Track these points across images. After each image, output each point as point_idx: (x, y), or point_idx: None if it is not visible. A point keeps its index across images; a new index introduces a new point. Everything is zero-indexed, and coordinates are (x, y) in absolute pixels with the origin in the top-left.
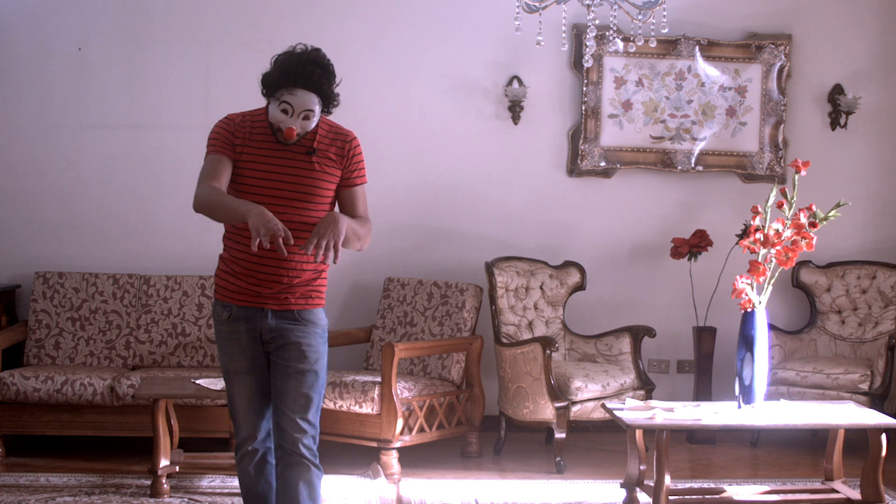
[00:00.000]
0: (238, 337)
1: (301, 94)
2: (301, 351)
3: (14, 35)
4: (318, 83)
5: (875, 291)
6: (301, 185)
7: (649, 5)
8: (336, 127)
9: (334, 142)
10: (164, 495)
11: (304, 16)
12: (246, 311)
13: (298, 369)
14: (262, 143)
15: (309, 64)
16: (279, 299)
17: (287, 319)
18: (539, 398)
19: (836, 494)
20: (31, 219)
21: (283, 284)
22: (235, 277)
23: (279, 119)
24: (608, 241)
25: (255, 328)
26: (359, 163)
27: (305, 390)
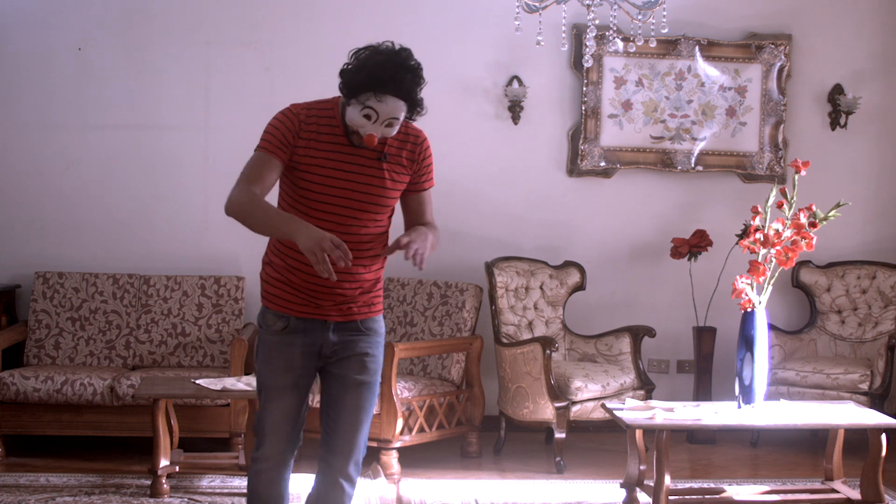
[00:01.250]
0: (290, 351)
1: (390, 101)
2: (363, 362)
3: (14, 35)
4: (408, 91)
5: (875, 291)
6: (369, 195)
7: (649, 5)
8: (410, 127)
9: (405, 144)
10: (164, 495)
11: (304, 16)
12: (305, 324)
13: (358, 381)
14: (330, 143)
15: (401, 69)
16: (342, 310)
17: (350, 331)
18: (539, 398)
19: (836, 494)
20: (31, 219)
21: (345, 297)
22: (291, 287)
23: (359, 124)
24: (608, 241)
25: (314, 342)
26: (429, 165)
27: (364, 403)
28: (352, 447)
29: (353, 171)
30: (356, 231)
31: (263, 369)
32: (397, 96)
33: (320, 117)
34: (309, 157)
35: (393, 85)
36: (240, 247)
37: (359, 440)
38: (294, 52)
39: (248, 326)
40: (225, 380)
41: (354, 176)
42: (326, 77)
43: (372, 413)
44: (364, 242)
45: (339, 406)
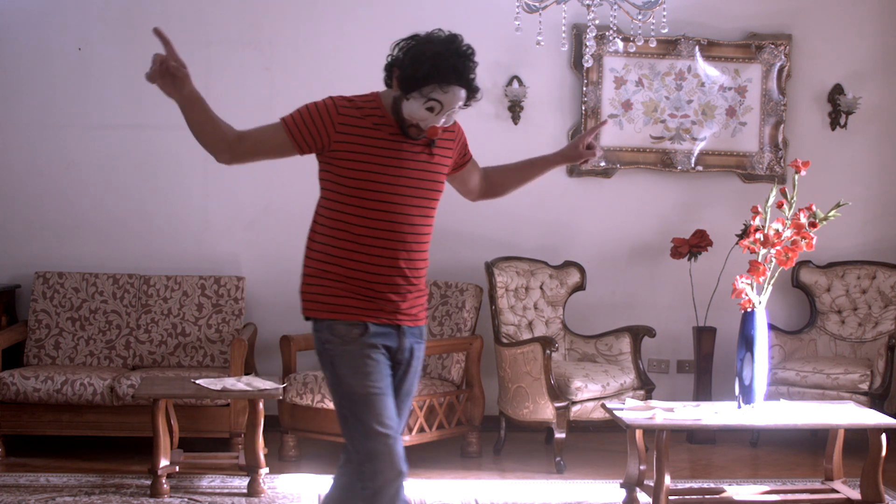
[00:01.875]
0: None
1: (454, 91)
2: (417, 371)
3: (14, 35)
4: (469, 80)
5: (875, 291)
6: (425, 181)
7: (649, 5)
8: None
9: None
10: (164, 495)
11: (304, 16)
12: (382, 329)
13: (411, 392)
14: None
15: (461, 57)
16: (411, 314)
17: (416, 336)
18: (539, 398)
19: (836, 494)
20: (31, 219)
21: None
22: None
23: (422, 117)
24: (608, 241)
25: (391, 348)
26: (465, 143)
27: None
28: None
29: (406, 159)
30: (418, 221)
31: (353, 382)
32: (460, 85)
33: (361, 108)
34: (353, 151)
35: (455, 75)
36: (240, 247)
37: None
38: (294, 52)
39: (248, 326)
40: (225, 380)
41: (408, 164)
42: (326, 77)
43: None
44: (422, 235)
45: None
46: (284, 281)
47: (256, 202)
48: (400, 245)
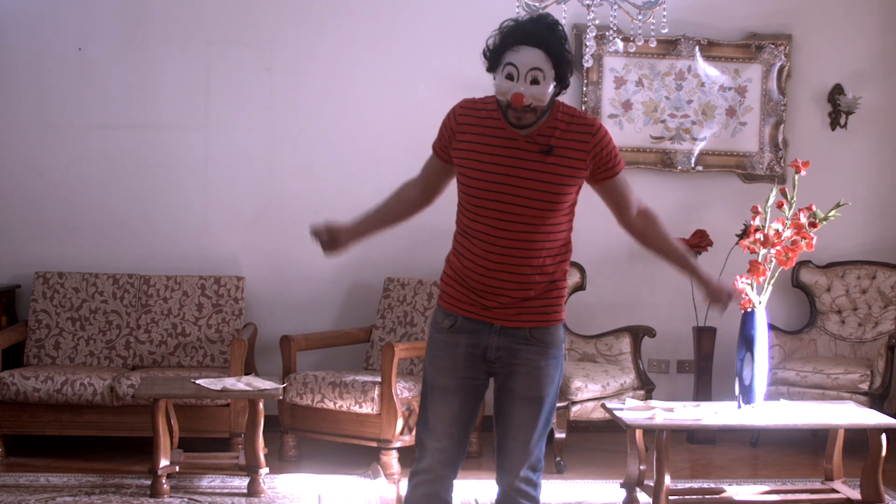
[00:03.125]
0: (455, 351)
1: (524, 50)
2: (529, 374)
3: (14, 35)
4: (544, 39)
5: (875, 291)
6: (532, 190)
7: (649, 5)
8: (580, 118)
9: (577, 135)
10: (164, 495)
11: (305, 16)
12: (471, 324)
13: (527, 396)
14: (490, 136)
15: (531, 21)
16: (509, 315)
17: (517, 338)
18: None
19: (836, 494)
20: (31, 219)
21: (513, 299)
22: (462, 286)
23: (505, 88)
24: (608, 241)
25: (479, 344)
26: (608, 154)
27: (535, 420)
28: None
29: (514, 164)
30: (520, 229)
31: (429, 368)
32: (531, 45)
33: (478, 110)
34: (466, 151)
35: (524, 34)
36: (240, 247)
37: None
38: (294, 52)
39: (248, 326)
40: (225, 380)
41: (515, 170)
42: (326, 77)
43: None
44: (531, 242)
45: (503, 420)
46: (284, 281)
47: (256, 202)
48: (498, 249)
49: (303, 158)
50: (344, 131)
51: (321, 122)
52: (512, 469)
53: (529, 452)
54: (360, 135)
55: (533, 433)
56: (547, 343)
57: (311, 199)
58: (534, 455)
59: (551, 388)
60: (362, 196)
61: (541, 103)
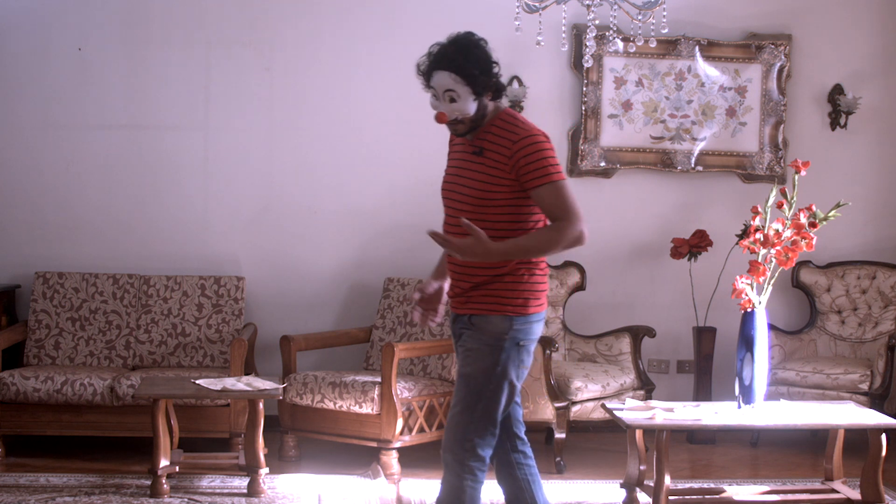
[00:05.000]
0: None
1: (437, 75)
2: (462, 355)
3: (14, 35)
4: (451, 61)
5: (875, 291)
6: (468, 188)
7: (649, 5)
8: (511, 127)
9: (503, 142)
10: (164, 495)
11: (304, 16)
12: (452, 316)
13: (462, 372)
14: (455, 141)
15: (447, 44)
16: (460, 303)
17: (462, 324)
18: (539, 398)
19: (836, 494)
20: (31, 219)
21: (461, 288)
22: None
23: (433, 106)
24: (608, 241)
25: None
26: (527, 165)
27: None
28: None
29: (457, 164)
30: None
31: None
32: (443, 69)
33: None
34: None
35: (436, 59)
36: (240, 247)
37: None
38: (294, 52)
39: (248, 326)
40: (225, 380)
41: (457, 169)
42: (326, 77)
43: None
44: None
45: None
46: (284, 281)
47: (256, 202)
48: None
49: (303, 158)
50: (344, 131)
51: (321, 122)
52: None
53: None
54: (360, 135)
55: (458, 410)
56: (483, 329)
57: (311, 198)
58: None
59: (480, 369)
60: (363, 196)
61: (466, 115)
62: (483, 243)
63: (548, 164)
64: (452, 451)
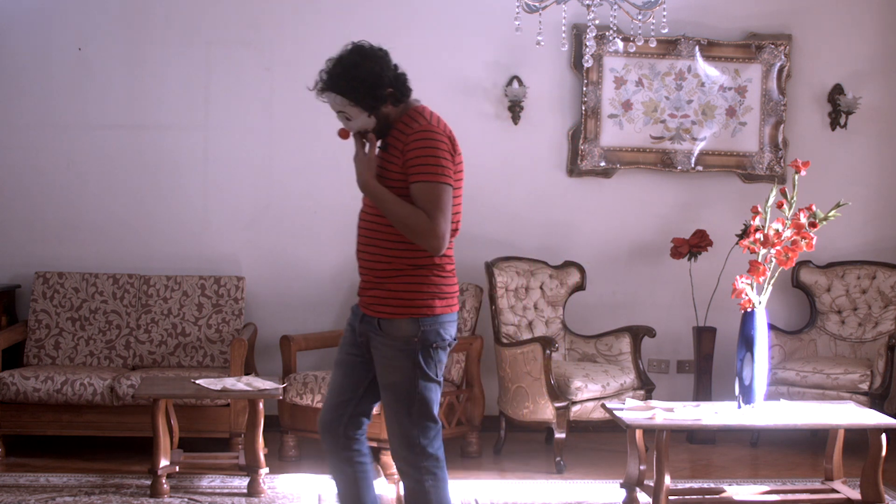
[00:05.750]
0: (348, 329)
1: (328, 96)
2: (381, 363)
3: (14, 35)
4: (337, 84)
5: (875, 291)
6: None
7: (649, 5)
8: (412, 121)
9: (400, 135)
10: (164, 495)
11: (305, 16)
12: (356, 309)
13: (383, 383)
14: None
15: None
16: (366, 301)
17: (371, 326)
18: (539, 398)
19: (836, 494)
20: (31, 219)
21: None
22: None
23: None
24: (608, 241)
25: (356, 328)
26: (412, 159)
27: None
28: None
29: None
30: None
31: None
32: (330, 90)
33: None
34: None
35: (323, 82)
36: (240, 247)
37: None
38: (294, 52)
39: (248, 326)
40: (225, 380)
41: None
42: None
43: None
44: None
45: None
46: (284, 281)
47: (256, 202)
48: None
49: (303, 158)
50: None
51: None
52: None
53: (397, 435)
54: None
55: (393, 418)
56: (392, 335)
57: (312, 198)
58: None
59: (403, 378)
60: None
61: (363, 129)
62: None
63: (437, 162)
64: (404, 459)
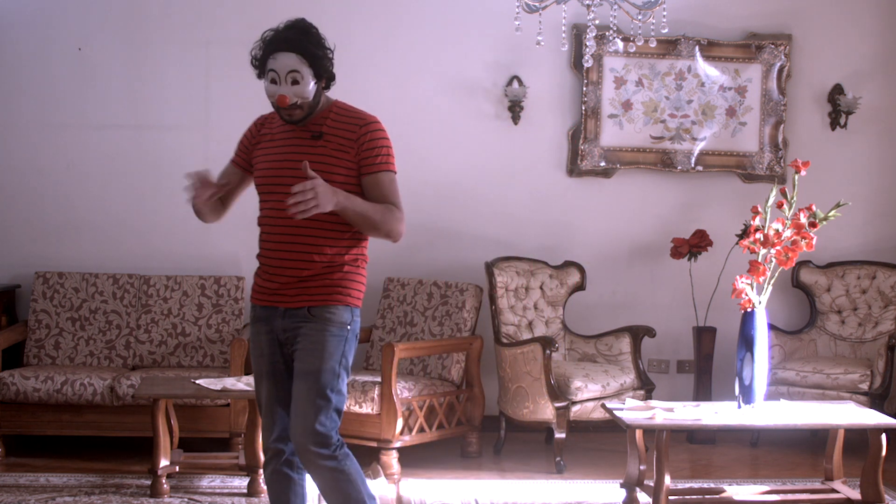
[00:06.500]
0: (258, 339)
1: (281, 56)
2: (306, 349)
3: (14, 35)
4: (297, 43)
5: (875, 291)
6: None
7: (649, 5)
8: (353, 112)
9: (347, 125)
10: (164, 495)
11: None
12: (265, 312)
13: (304, 370)
14: (276, 133)
15: (287, 28)
16: (291, 296)
17: (298, 318)
18: (539, 398)
19: (836, 494)
20: (31, 219)
21: (291, 278)
22: (259, 277)
23: (271, 92)
24: (608, 241)
25: (273, 329)
26: (373, 149)
27: (312, 393)
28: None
29: (287, 151)
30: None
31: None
32: (287, 50)
33: (271, 119)
34: (259, 149)
35: (280, 42)
36: (240, 247)
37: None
38: None
39: (248, 326)
40: (225, 380)
41: (289, 156)
42: None
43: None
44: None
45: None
46: None
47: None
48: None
49: None
50: None
51: None
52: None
53: (306, 422)
54: None
55: (309, 408)
56: (326, 319)
57: None
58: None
59: (328, 362)
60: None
61: (305, 99)
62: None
63: (390, 152)
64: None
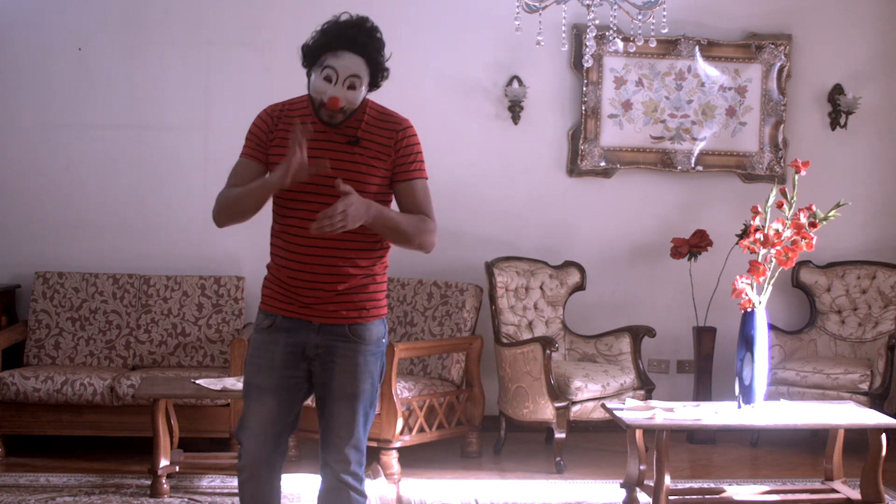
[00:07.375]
0: (272, 349)
1: (346, 56)
2: (347, 371)
3: (14, 35)
4: (364, 46)
5: (875, 291)
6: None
7: (649, 5)
8: (387, 114)
9: (383, 130)
10: (164, 495)
11: (305, 16)
12: (290, 323)
13: (345, 393)
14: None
15: (354, 27)
16: (327, 311)
17: (336, 335)
18: (539, 398)
19: (836, 494)
20: (31, 219)
21: (327, 292)
22: (279, 285)
23: (321, 89)
24: (608, 241)
25: (299, 343)
26: (409, 155)
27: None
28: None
29: (321, 157)
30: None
31: (247, 368)
32: (353, 51)
33: (293, 111)
34: (280, 149)
35: (347, 40)
36: (240, 247)
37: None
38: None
39: (249, 326)
40: (225, 380)
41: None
42: None
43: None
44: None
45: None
46: None
47: None
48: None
49: None
50: None
51: None
52: (338, 464)
53: (353, 448)
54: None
55: (354, 429)
56: (365, 339)
57: None
58: (358, 449)
59: (368, 383)
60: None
61: (353, 106)
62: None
63: (423, 158)
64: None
